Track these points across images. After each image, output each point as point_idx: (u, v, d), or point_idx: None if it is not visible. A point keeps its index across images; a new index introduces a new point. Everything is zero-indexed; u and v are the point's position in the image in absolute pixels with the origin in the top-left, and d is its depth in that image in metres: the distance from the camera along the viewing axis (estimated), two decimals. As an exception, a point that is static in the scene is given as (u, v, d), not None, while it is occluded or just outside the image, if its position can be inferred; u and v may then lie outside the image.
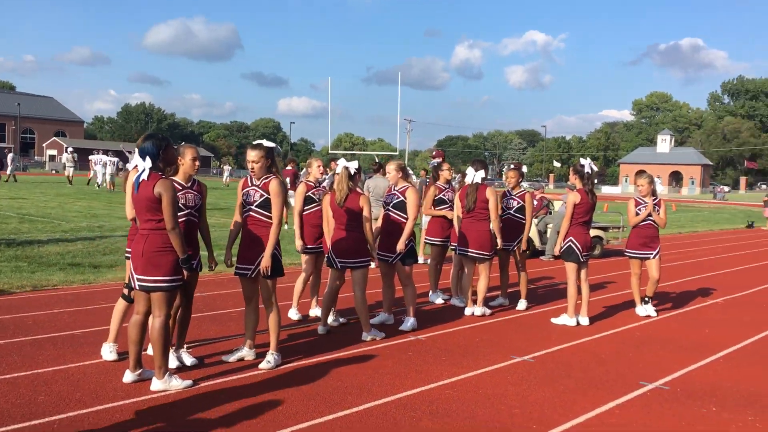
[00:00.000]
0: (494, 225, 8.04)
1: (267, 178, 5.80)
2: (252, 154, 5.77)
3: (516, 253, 8.81)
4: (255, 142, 5.89)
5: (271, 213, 5.77)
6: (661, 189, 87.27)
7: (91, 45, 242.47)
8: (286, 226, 17.51)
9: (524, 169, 9.14)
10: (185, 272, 5.21)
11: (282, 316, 6.16)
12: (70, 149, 36.80)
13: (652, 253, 8.66)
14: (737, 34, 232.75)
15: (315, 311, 7.82)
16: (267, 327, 5.93)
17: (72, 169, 34.80)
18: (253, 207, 5.81)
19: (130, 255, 5.62)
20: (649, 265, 8.70)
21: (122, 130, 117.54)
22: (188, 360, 5.74)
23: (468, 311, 8.27)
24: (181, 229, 5.15)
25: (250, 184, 5.87)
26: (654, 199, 8.70)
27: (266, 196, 5.75)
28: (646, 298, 8.81)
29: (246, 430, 4.44)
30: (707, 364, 6.54)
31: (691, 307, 9.55)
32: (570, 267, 7.98)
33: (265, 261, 5.68)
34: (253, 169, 5.78)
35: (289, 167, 17.13)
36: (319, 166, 7.75)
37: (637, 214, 8.68)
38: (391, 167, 7.70)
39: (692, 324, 8.38)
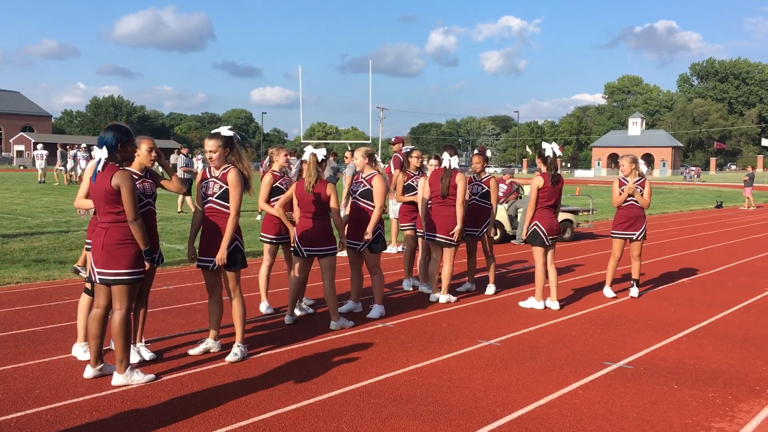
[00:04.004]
0: (458, 211, 8.03)
1: (226, 168, 5.71)
2: (209, 144, 5.67)
3: (484, 239, 8.83)
4: (212, 131, 5.81)
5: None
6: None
7: (59, 37, 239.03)
8: (259, 217, 17.41)
9: (488, 153, 9.14)
10: (147, 264, 5.15)
11: (250, 308, 6.10)
12: (39, 146, 36.08)
13: (635, 234, 8.69)
14: (710, 15, 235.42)
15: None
16: (232, 319, 5.87)
17: (42, 162, 34.17)
18: (212, 199, 5.71)
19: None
20: (633, 246, 8.76)
21: (91, 123, 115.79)
22: (146, 354, 5.66)
23: (433, 298, 8.28)
24: (142, 221, 5.08)
25: (208, 176, 5.78)
26: (638, 180, 8.74)
27: (225, 187, 5.67)
28: (633, 281, 8.88)
29: (208, 422, 4.41)
30: (670, 343, 6.62)
31: (658, 287, 9.66)
32: (536, 251, 8.01)
33: (220, 253, 5.60)
34: (211, 159, 5.69)
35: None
36: (285, 155, 7.66)
37: (620, 194, 8.74)
38: (358, 154, 7.65)
39: (658, 303, 8.48)
